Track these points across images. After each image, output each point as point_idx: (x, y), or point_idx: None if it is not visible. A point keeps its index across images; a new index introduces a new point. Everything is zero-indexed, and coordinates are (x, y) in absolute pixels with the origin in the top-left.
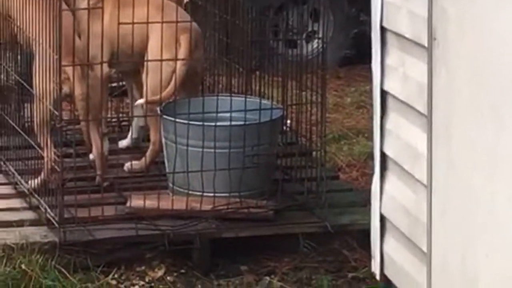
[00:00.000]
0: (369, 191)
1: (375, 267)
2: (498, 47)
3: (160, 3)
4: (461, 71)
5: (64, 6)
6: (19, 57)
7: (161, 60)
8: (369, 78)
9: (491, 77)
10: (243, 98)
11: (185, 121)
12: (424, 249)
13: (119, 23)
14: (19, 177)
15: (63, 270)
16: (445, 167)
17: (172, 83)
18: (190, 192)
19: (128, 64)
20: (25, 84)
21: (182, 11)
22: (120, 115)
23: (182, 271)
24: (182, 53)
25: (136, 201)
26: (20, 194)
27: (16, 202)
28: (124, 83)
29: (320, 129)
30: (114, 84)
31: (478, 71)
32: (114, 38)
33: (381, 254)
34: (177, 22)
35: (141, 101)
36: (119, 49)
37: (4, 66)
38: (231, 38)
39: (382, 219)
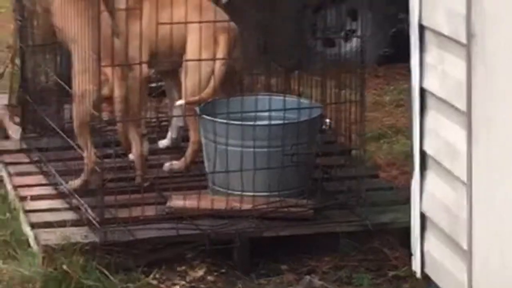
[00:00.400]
0: (409, 189)
1: (416, 266)
2: None
3: (198, 3)
4: (500, 68)
5: (103, 6)
6: (58, 58)
7: (200, 60)
8: (407, 77)
9: None
10: (282, 97)
11: (224, 121)
12: (465, 246)
13: (157, 24)
14: (59, 178)
15: (104, 270)
16: (485, 164)
17: (212, 83)
18: (230, 191)
19: (167, 64)
20: (64, 85)
21: (220, 11)
22: (159, 115)
23: (223, 270)
24: (221, 53)
25: (176, 201)
26: (61, 195)
27: (57, 203)
28: (163, 83)
29: (359, 127)
30: (153, 85)
31: None
32: (152, 39)
33: (422, 252)
34: (215, 21)
35: (181, 102)
36: (157, 49)
37: (43, 68)
38: (269, 37)
39: (422, 217)
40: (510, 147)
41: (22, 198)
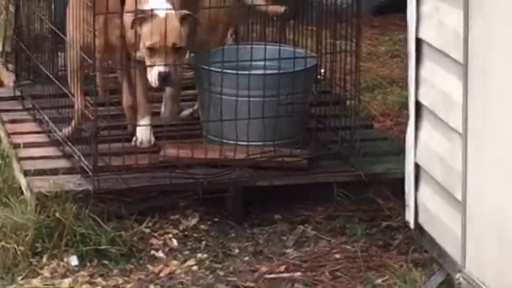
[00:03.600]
0: (403, 140)
1: (409, 216)
2: None
3: None
4: (497, 18)
5: None
6: (52, 5)
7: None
8: (403, 27)
9: None
10: (277, 47)
11: (219, 70)
12: (459, 197)
13: None
14: (53, 125)
15: (97, 218)
16: (480, 115)
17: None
18: (224, 141)
19: None
20: (59, 32)
21: None
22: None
23: (216, 219)
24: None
25: (170, 150)
26: (54, 143)
27: (50, 151)
28: None
29: (354, 78)
30: None
31: None
32: None
33: (415, 203)
34: None
35: None
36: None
37: (38, 15)
38: None
39: (417, 167)
40: (506, 98)
41: (15, 145)
